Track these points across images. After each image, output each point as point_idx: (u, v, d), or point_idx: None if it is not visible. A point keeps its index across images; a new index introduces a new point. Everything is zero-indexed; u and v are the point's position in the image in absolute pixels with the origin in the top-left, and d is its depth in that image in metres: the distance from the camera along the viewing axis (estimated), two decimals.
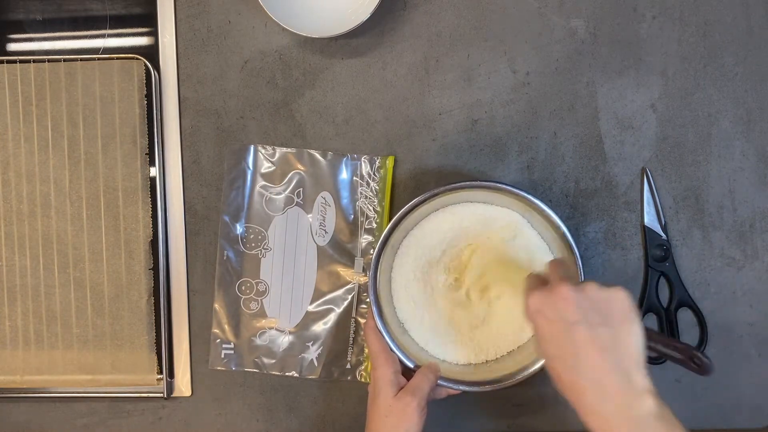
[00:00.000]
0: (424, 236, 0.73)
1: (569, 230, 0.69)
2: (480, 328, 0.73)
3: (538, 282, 0.60)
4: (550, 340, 0.57)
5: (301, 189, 0.78)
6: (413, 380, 0.68)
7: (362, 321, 0.78)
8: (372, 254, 0.77)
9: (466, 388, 0.70)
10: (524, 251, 0.72)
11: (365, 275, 0.78)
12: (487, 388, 0.70)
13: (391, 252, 0.72)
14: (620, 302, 0.55)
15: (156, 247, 0.78)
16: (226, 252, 0.78)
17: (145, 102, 0.78)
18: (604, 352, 0.54)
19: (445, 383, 0.70)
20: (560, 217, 0.69)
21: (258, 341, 0.78)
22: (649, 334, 0.57)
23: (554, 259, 0.64)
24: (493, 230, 0.72)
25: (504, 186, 0.69)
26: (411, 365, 0.70)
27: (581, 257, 0.69)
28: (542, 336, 0.58)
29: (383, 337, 0.70)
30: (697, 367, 0.57)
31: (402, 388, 0.67)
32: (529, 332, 0.72)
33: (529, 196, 0.69)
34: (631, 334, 0.55)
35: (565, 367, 0.55)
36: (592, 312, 0.55)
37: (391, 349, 0.70)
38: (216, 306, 0.79)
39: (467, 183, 0.70)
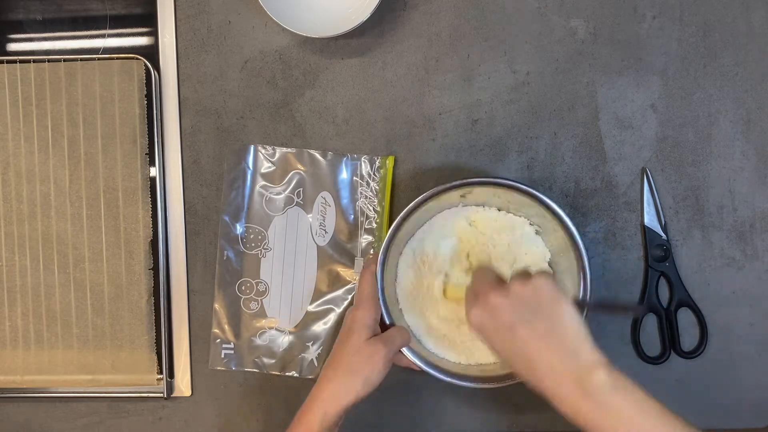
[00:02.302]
0: (431, 232, 0.73)
1: (578, 232, 0.69)
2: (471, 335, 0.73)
3: (473, 297, 0.62)
4: (501, 346, 0.60)
5: (301, 189, 0.78)
6: (388, 332, 0.70)
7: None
8: (372, 254, 0.77)
9: (426, 368, 0.71)
10: (524, 254, 0.72)
11: None
12: (470, 384, 0.70)
13: (398, 245, 0.73)
14: (544, 289, 0.58)
15: (156, 247, 0.78)
16: (226, 252, 0.78)
17: (145, 102, 0.78)
18: (547, 339, 0.57)
19: (411, 356, 0.71)
20: (568, 217, 0.69)
21: (258, 341, 0.78)
22: (581, 304, 0.60)
23: (477, 269, 0.67)
24: (496, 232, 0.73)
25: (514, 183, 0.69)
26: (387, 321, 0.71)
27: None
28: (493, 346, 0.61)
29: (377, 284, 0.70)
30: (635, 313, 0.63)
31: (376, 335, 0.69)
32: None
33: (544, 197, 0.69)
34: (564, 314, 0.58)
35: (522, 365, 0.59)
36: (523, 308, 0.58)
37: (378, 299, 0.70)
38: (216, 306, 0.79)
39: (480, 180, 0.70)
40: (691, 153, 0.76)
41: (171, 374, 0.79)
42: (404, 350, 0.71)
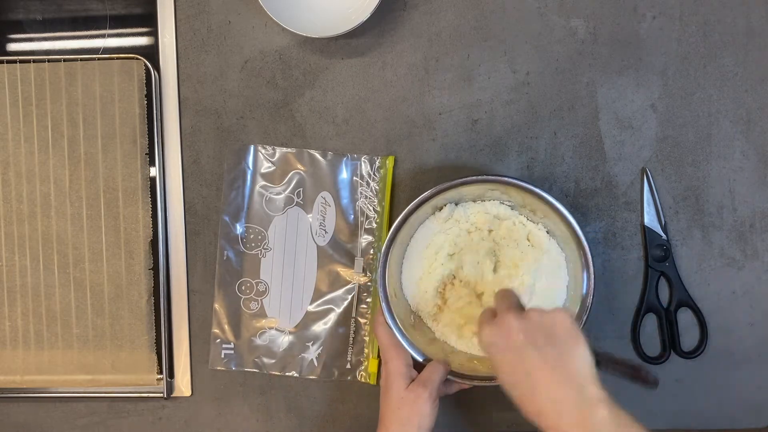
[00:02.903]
0: (436, 232, 0.73)
1: (580, 228, 0.69)
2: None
3: (490, 316, 0.62)
4: (506, 368, 0.59)
5: (301, 189, 0.78)
6: (424, 372, 0.68)
7: (363, 321, 0.78)
8: (372, 254, 0.77)
9: (478, 383, 0.70)
10: (532, 251, 0.72)
11: (365, 275, 0.78)
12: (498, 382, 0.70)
13: (400, 247, 0.72)
14: (562, 323, 0.58)
15: (156, 247, 0.78)
16: (226, 252, 0.78)
17: (145, 102, 0.78)
18: (555, 370, 0.56)
19: (456, 378, 0.70)
20: (569, 212, 0.69)
21: (258, 341, 0.78)
22: (596, 353, 0.59)
23: (500, 290, 0.67)
24: (502, 229, 0.73)
25: (520, 183, 0.69)
26: (420, 359, 0.70)
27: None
28: (498, 366, 0.60)
29: (393, 332, 0.70)
30: (645, 382, 0.59)
31: (413, 380, 0.68)
32: None
33: (544, 193, 0.69)
34: (577, 350, 0.57)
35: (524, 392, 0.58)
36: (538, 335, 0.57)
37: (402, 344, 0.70)
38: (216, 306, 0.79)
39: (477, 178, 0.70)
40: (691, 153, 0.76)
41: (171, 374, 0.79)
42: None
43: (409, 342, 0.70)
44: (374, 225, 0.78)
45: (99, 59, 0.77)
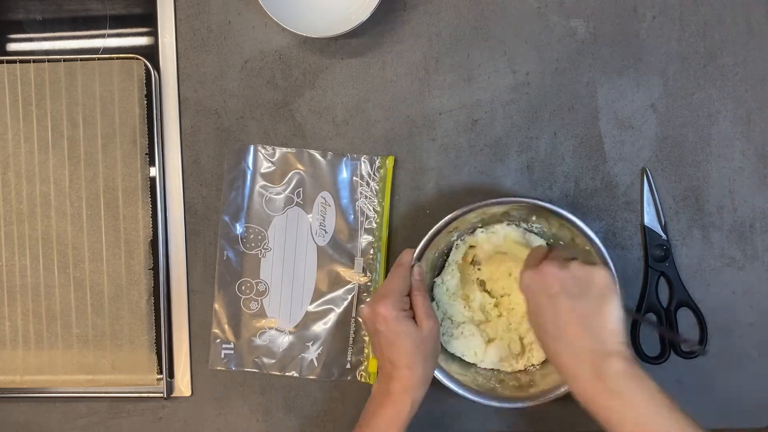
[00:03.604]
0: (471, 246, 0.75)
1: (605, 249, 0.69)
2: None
3: (535, 261, 0.65)
4: (537, 311, 0.62)
5: (301, 189, 0.78)
6: (418, 308, 0.68)
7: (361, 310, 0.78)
8: (371, 254, 0.77)
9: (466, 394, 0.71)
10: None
11: (365, 275, 0.78)
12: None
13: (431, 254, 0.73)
14: (601, 279, 0.61)
15: (156, 247, 0.78)
16: (226, 252, 0.78)
17: (145, 102, 0.78)
18: (581, 320, 0.59)
19: (468, 395, 0.71)
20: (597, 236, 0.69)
21: (258, 341, 0.78)
22: (634, 313, 0.62)
23: (549, 245, 0.70)
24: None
25: (545, 205, 0.69)
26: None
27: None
28: (531, 308, 0.63)
29: (409, 282, 0.70)
30: (686, 343, 0.61)
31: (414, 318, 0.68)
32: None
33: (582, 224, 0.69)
34: (608, 307, 0.60)
35: (549, 336, 0.61)
36: (573, 286, 0.60)
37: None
38: (216, 306, 0.79)
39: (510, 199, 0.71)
40: (691, 153, 0.76)
41: (171, 374, 0.79)
42: (438, 374, 0.70)
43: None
44: (374, 225, 0.78)
45: (99, 59, 0.77)
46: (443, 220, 0.70)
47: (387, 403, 0.65)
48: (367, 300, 0.77)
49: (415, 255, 0.70)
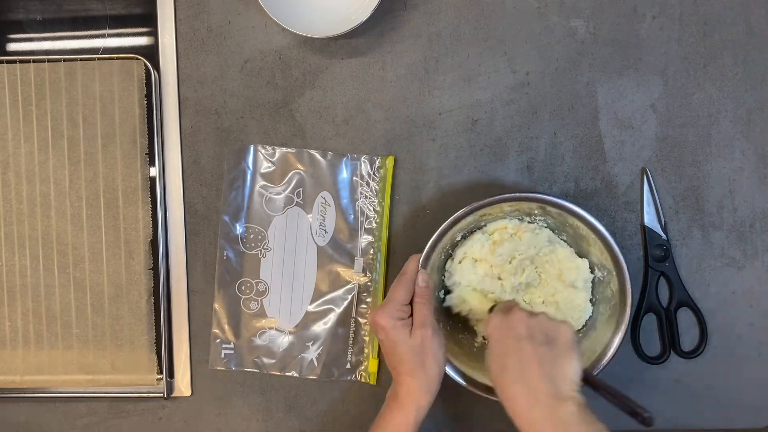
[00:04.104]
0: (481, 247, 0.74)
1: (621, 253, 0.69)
2: None
3: (505, 308, 0.67)
4: (502, 353, 0.64)
5: (301, 189, 0.78)
6: (416, 316, 0.68)
7: (363, 321, 0.78)
8: (371, 254, 0.77)
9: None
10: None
11: (365, 275, 0.78)
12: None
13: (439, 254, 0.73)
14: (565, 333, 0.63)
15: (156, 247, 0.78)
16: (226, 252, 0.78)
17: (145, 102, 0.78)
18: (542, 365, 0.61)
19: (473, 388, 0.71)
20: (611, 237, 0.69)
21: (258, 341, 0.78)
22: (590, 375, 0.63)
23: (507, 301, 0.71)
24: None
25: (563, 203, 0.69)
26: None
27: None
28: (495, 351, 0.65)
29: (412, 291, 0.70)
30: (637, 416, 0.59)
31: (411, 326, 0.68)
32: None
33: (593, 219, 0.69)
34: (569, 360, 0.62)
35: (509, 378, 0.62)
36: (539, 334, 0.63)
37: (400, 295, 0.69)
38: (216, 306, 0.79)
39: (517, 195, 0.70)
40: (691, 153, 0.76)
41: (171, 374, 0.79)
42: (447, 369, 0.70)
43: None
44: (374, 225, 0.77)
45: (99, 59, 0.77)
46: (454, 216, 0.69)
47: (395, 408, 0.67)
48: (370, 304, 0.78)
49: (420, 260, 0.70)
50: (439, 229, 0.70)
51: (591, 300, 0.73)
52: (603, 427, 0.58)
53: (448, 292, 0.75)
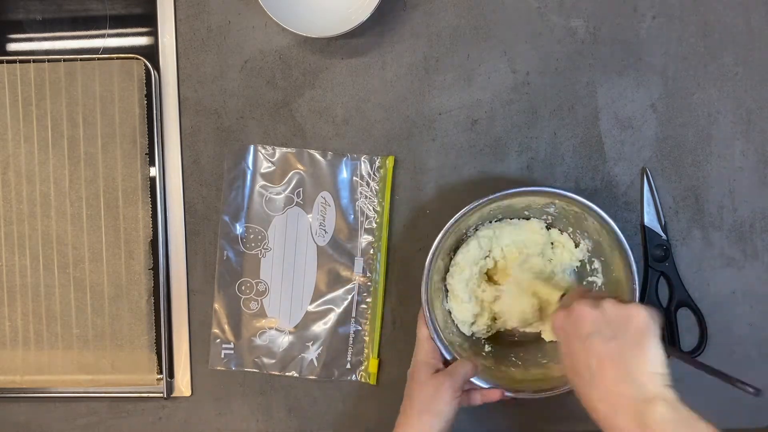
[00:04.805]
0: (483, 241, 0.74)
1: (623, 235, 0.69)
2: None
3: (567, 302, 0.62)
4: (569, 354, 0.58)
5: (300, 189, 0.78)
6: (451, 366, 0.68)
7: (363, 321, 0.78)
8: (371, 254, 0.77)
9: (508, 392, 0.70)
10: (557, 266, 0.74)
11: (365, 275, 0.78)
12: (527, 395, 0.69)
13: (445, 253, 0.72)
14: (636, 318, 0.56)
15: (156, 247, 0.78)
16: (226, 252, 0.78)
17: (145, 102, 0.78)
18: (618, 364, 0.54)
19: (483, 384, 0.70)
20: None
21: (258, 341, 0.78)
22: (672, 352, 0.57)
23: (575, 288, 0.68)
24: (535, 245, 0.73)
25: (568, 194, 0.69)
26: (448, 357, 0.69)
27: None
28: (564, 351, 0.60)
29: (430, 325, 0.69)
30: (737, 385, 0.56)
31: (438, 371, 0.68)
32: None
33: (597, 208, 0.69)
34: (645, 346, 0.55)
35: (583, 381, 0.56)
36: (607, 327, 0.56)
37: (435, 339, 0.69)
38: (216, 306, 0.79)
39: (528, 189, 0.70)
40: (691, 153, 0.76)
41: (171, 374, 0.79)
42: (476, 380, 0.69)
43: (441, 340, 0.70)
44: (374, 225, 0.77)
45: (99, 59, 0.77)
46: (460, 212, 0.69)
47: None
48: (370, 304, 0.78)
49: (428, 262, 0.69)
50: (444, 228, 0.69)
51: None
52: (705, 426, 0.52)
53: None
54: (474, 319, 0.74)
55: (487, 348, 0.75)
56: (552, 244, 0.74)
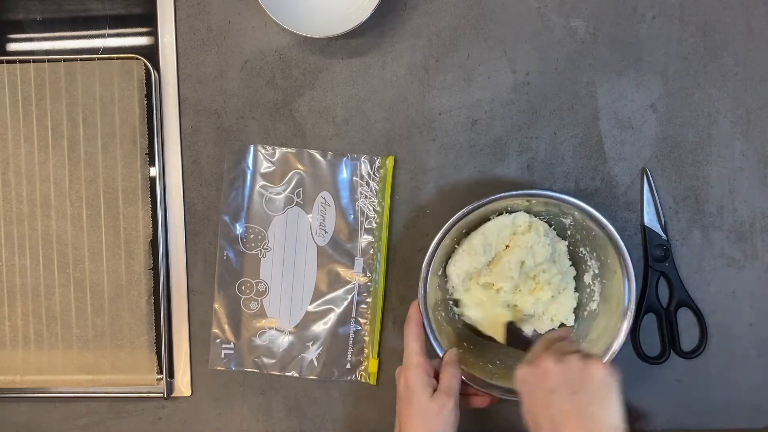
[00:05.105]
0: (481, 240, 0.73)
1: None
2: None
3: (532, 357, 0.62)
4: (533, 408, 0.59)
5: (300, 189, 0.78)
6: (443, 381, 0.67)
7: (363, 321, 0.78)
8: (371, 254, 0.77)
9: (496, 394, 0.70)
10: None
11: (365, 275, 0.78)
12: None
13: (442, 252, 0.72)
14: (596, 374, 0.57)
15: (156, 247, 0.78)
16: (226, 252, 0.78)
17: (145, 102, 0.78)
18: (581, 419, 0.56)
19: (478, 387, 0.70)
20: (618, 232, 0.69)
21: (258, 341, 0.78)
22: (635, 409, 0.59)
23: (546, 333, 0.68)
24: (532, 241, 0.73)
25: (565, 198, 0.69)
26: (440, 353, 0.69)
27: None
28: (526, 406, 0.60)
29: (424, 335, 0.69)
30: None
31: (435, 389, 0.66)
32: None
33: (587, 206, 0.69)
34: (607, 402, 0.56)
35: None
36: (570, 381, 0.57)
37: (424, 355, 0.68)
38: (216, 306, 0.79)
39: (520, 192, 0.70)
40: (691, 153, 0.76)
41: (171, 374, 0.79)
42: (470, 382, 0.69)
43: (436, 338, 0.69)
44: (374, 225, 0.78)
45: (99, 59, 0.77)
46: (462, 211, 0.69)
47: None
48: (370, 304, 0.78)
49: (425, 266, 0.69)
50: (443, 228, 0.69)
51: (594, 302, 0.73)
52: None
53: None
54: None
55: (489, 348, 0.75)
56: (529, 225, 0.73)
